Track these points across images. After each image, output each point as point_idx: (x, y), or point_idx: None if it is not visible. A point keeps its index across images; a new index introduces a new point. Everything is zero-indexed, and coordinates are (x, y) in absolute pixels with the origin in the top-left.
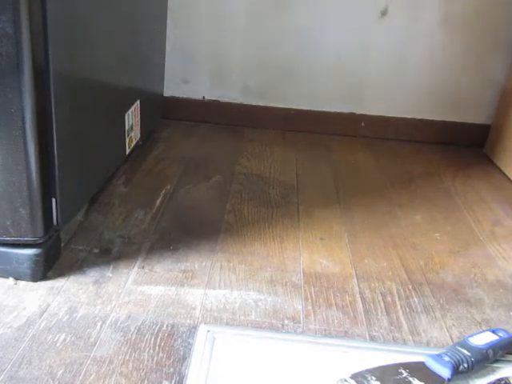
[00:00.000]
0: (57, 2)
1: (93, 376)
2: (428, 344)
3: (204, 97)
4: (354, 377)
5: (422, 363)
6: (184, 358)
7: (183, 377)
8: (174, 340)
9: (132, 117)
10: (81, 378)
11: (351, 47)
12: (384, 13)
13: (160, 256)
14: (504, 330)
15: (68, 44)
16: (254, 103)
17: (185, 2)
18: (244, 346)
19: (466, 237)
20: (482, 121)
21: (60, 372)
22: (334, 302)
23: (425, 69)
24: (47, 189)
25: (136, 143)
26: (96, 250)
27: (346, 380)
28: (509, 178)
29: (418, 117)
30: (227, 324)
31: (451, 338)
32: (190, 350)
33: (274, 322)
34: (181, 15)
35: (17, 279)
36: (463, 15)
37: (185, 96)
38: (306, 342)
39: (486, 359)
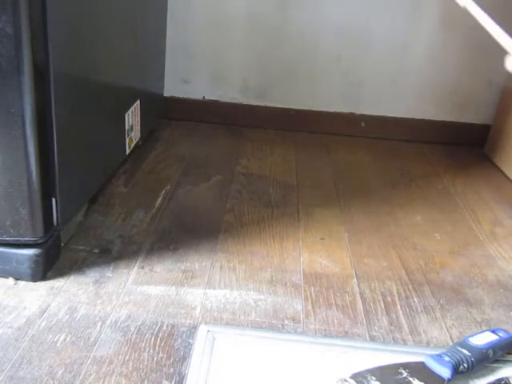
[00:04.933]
0: (57, 2)
1: (93, 376)
2: (428, 344)
3: (204, 97)
4: (354, 377)
5: (422, 363)
6: (184, 358)
7: (183, 377)
8: (174, 340)
9: (132, 117)
10: (81, 377)
11: (351, 47)
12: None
13: (160, 256)
14: (504, 330)
15: (68, 44)
16: (253, 103)
17: (185, 1)
18: (244, 346)
19: (466, 237)
20: (482, 121)
21: (60, 372)
22: (334, 302)
23: (425, 69)
24: (47, 189)
25: (136, 143)
26: (96, 250)
27: (345, 380)
28: (509, 178)
29: (418, 117)
30: (227, 324)
31: (451, 338)
32: (189, 350)
33: (274, 322)
34: (181, 15)
35: (17, 279)
36: (463, 15)
37: (185, 96)
38: (305, 342)
39: (486, 359)
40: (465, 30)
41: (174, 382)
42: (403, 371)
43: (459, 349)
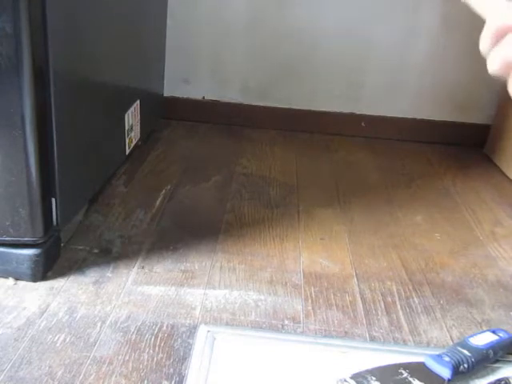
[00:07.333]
0: (57, 2)
1: (93, 376)
2: (428, 344)
3: (204, 97)
4: (354, 377)
5: (422, 363)
6: (184, 359)
7: (183, 377)
8: (174, 340)
9: (132, 117)
10: (81, 378)
11: (351, 47)
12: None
13: (160, 256)
14: (504, 331)
15: (68, 44)
16: (254, 103)
17: (185, 2)
18: (244, 346)
19: (467, 237)
20: (482, 121)
21: (60, 372)
22: (334, 302)
23: (425, 69)
24: (47, 189)
25: (136, 143)
26: (96, 250)
27: (345, 380)
28: (509, 178)
29: (418, 117)
30: (227, 324)
31: (451, 338)
32: (189, 350)
33: (273, 322)
34: (181, 15)
35: (17, 279)
36: (463, 15)
37: (185, 96)
38: (305, 342)
39: (486, 359)
40: (465, 30)
41: (173, 382)
42: (403, 371)
43: (459, 349)
